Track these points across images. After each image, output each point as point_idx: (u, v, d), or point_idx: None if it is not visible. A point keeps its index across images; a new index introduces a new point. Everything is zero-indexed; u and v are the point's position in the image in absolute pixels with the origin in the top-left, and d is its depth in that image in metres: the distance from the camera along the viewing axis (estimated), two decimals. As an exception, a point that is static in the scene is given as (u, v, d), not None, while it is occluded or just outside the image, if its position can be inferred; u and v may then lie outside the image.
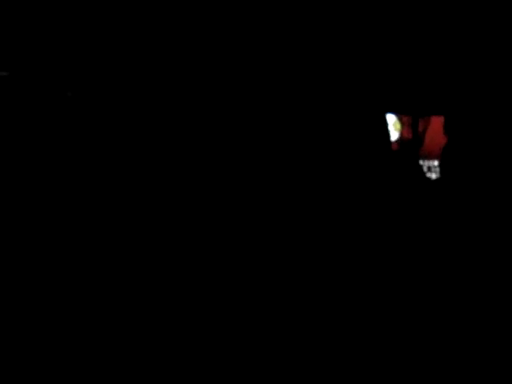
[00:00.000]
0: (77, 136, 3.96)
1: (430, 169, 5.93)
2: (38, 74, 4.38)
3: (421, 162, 5.71)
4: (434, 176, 5.80)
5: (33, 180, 3.80)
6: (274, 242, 3.47)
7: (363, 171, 3.43)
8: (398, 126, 5.58)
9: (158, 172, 3.82)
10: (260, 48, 4.41)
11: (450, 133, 3.47)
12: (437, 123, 5.42)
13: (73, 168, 3.84)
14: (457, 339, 3.22)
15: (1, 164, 3.83)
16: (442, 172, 3.52)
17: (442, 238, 3.39)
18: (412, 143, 5.44)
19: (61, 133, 3.95)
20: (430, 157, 5.84)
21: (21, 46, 4.52)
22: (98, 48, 4.52)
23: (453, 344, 3.22)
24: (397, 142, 5.52)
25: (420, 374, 3.19)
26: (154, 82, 4.26)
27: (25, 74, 4.35)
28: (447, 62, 4.66)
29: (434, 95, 4.86)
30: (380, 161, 3.48)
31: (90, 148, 3.91)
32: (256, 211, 3.57)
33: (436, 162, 5.89)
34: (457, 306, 3.26)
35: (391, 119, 5.48)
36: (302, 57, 4.32)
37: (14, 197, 3.75)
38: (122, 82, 4.29)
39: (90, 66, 4.47)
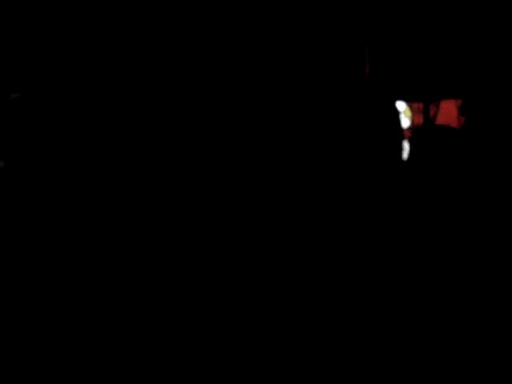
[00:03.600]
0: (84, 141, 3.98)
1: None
2: (49, 94, 4.41)
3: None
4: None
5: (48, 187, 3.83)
6: (274, 240, 3.47)
7: (373, 162, 3.44)
8: (409, 112, 5.59)
9: (162, 174, 3.83)
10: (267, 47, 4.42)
11: (467, 114, 3.48)
12: (447, 108, 5.42)
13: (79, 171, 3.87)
14: (456, 338, 3.21)
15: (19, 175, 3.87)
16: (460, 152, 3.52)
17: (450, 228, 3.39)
18: (423, 129, 5.45)
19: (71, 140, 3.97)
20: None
21: (31, 69, 4.55)
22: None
23: (452, 343, 3.21)
24: (408, 128, 5.53)
25: (420, 373, 3.19)
26: (157, 87, 4.27)
27: (36, 94, 4.38)
28: (456, 45, 4.67)
29: (443, 80, 4.87)
30: (390, 151, 3.49)
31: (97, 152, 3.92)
32: (256, 211, 3.57)
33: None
34: (456, 304, 3.26)
35: (401, 106, 5.49)
36: (307, 46, 4.32)
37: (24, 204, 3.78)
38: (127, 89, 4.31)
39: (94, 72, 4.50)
